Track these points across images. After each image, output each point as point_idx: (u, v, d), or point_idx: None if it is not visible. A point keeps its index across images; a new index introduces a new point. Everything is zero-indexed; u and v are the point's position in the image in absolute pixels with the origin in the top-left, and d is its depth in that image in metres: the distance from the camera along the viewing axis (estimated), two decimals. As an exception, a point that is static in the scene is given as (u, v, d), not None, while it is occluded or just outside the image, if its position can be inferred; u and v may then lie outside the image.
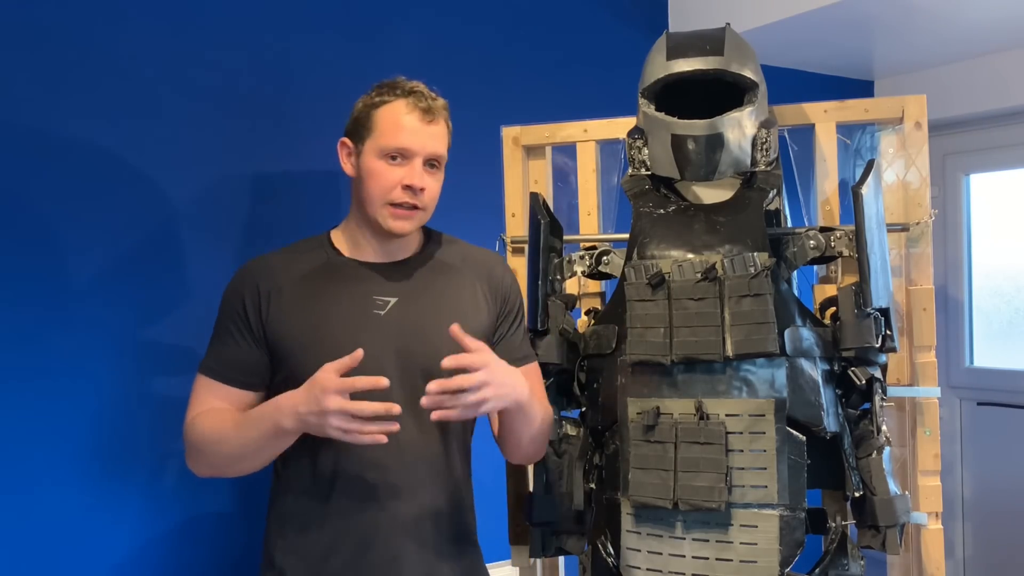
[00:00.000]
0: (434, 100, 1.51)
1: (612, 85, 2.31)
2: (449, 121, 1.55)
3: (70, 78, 1.81)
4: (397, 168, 1.47)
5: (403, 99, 1.49)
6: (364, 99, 1.53)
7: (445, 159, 1.54)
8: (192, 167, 1.93)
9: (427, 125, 1.48)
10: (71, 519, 1.79)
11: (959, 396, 3.25)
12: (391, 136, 1.47)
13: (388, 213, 1.48)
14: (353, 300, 1.51)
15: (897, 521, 1.58)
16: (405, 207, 1.48)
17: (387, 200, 1.48)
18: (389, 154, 1.47)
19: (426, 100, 1.49)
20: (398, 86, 1.51)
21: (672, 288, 1.59)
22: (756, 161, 1.65)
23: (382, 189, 1.48)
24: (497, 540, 1.97)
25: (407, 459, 1.48)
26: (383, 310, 1.51)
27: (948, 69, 3.05)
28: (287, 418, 1.35)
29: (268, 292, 1.50)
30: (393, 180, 1.47)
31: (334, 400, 1.29)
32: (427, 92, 1.51)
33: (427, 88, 1.53)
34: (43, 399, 1.77)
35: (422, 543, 1.49)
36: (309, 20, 2.10)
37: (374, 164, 1.48)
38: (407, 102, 1.49)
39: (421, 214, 1.51)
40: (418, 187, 1.47)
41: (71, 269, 1.80)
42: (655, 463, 1.56)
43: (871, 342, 1.58)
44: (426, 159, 1.49)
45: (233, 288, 1.54)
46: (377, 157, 1.48)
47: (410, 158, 1.47)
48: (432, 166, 1.51)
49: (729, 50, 1.61)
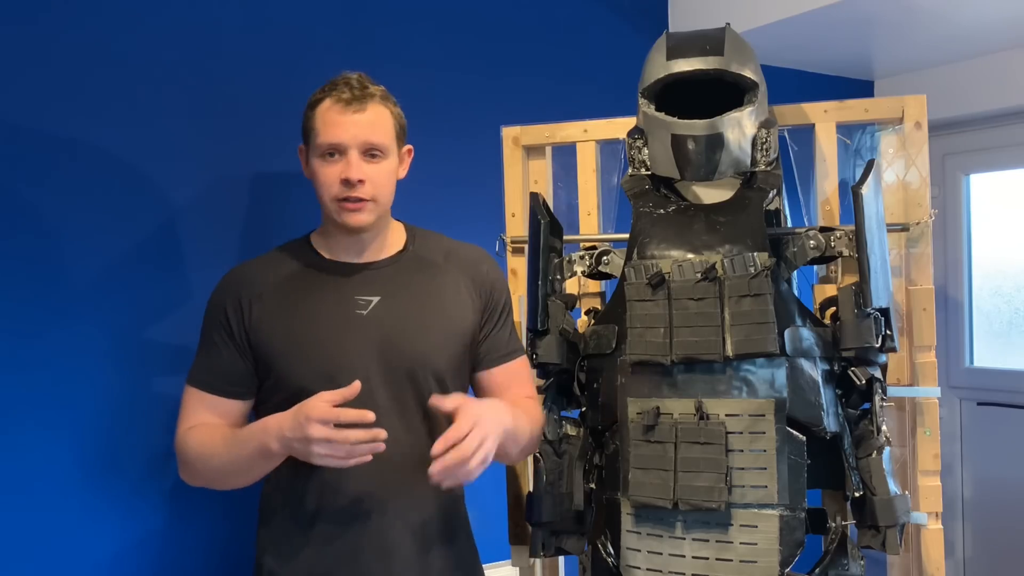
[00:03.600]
0: (364, 88, 1.48)
1: (612, 85, 2.31)
2: (391, 107, 1.52)
3: (70, 78, 1.81)
4: (335, 164, 1.47)
5: (329, 95, 1.48)
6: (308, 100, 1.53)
7: (388, 146, 1.50)
8: (191, 167, 1.93)
9: (353, 115, 1.46)
10: (67, 519, 1.79)
11: (959, 396, 3.25)
12: (323, 134, 1.47)
13: (337, 208, 1.48)
14: (335, 301, 1.50)
15: (897, 521, 1.58)
16: (351, 200, 1.47)
17: (332, 196, 1.47)
18: (325, 152, 1.47)
19: (351, 91, 1.47)
20: (329, 83, 1.50)
21: (672, 288, 1.59)
22: (756, 161, 1.65)
23: (325, 187, 1.48)
24: (497, 540, 1.97)
25: (395, 458, 1.48)
26: (365, 310, 1.50)
27: (948, 69, 3.05)
28: (274, 440, 1.35)
29: (250, 300, 1.50)
30: (332, 177, 1.47)
31: (317, 429, 1.29)
32: (357, 83, 1.49)
33: (362, 78, 1.50)
34: (40, 398, 1.77)
35: (413, 539, 1.50)
36: (309, 20, 2.09)
37: (316, 164, 1.49)
38: (332, 97, 1.48)
39: (371, 205, 1.48)
40: (354, 179, 1.45)
41: (69, 269, 1.80)
42: (655, 463, 1.56)
43: (871, 342, 1.58)
44: (361, 149, 1.47)
45: (215, 298, 1.54)
46: (317, 157, 1.48)
47: (344, 152, 1.46)
48: (372, 156, 1.48)
49: (729, 50, 1.61)
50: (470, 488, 1.66)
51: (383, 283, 1.53)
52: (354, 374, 1.46)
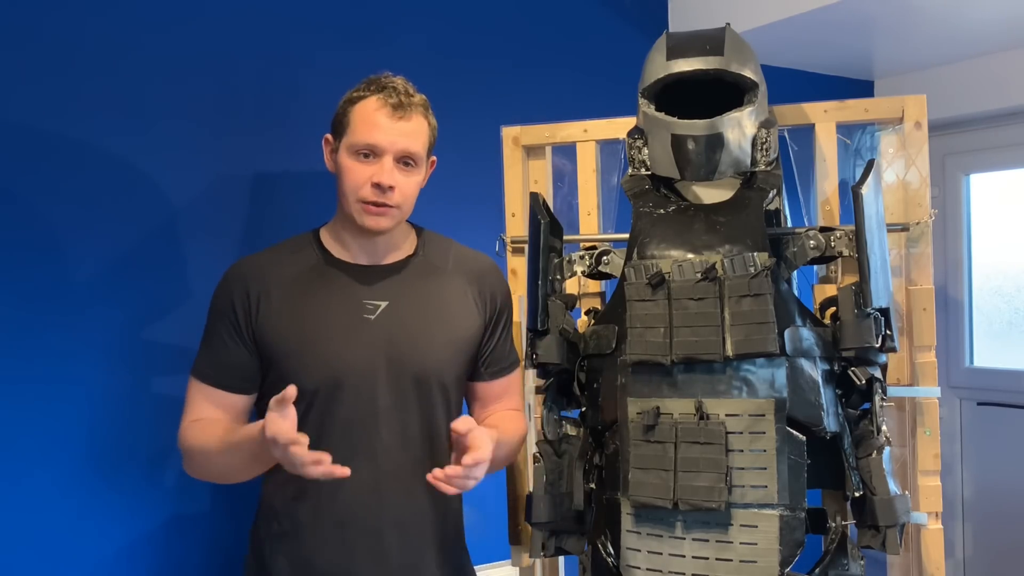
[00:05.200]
0: (409, 97, 1.48)
1: (612, 85, 2.31)
2: (430, 118, 1.51)
3: (70, 78, 1.81)
4: (368, 166, 1.46)
5: (375, 95, 1.46)
6: (347, 95, 1.51)
7: (422, 157, 1.50)
8: (191, 167, 1.93)
9: (397, 122, 1.45)
10: (68, 517, 1.80)
11: (959, 396, 3.25)
12: (361, 133, 1.45)
13: (360, 209, 1.47)
14: (343, 304, 1.50)
15: (897, 521, 1.58)
16: (377, 204, 1.46)
17: (358, 197, 1.46)
18: (360, 151, 1.46)
19: (398, 96, 1.46)
20: (374, 82, 1.49)
21: (672, 288, 1.59)
22: (756, 161, 1.65)
23: (353, 186, 1.46)
24: (497, 540, 1.97)
25: (393, 461, 1.48)
26: (373, 315, 1.50)
27: (948, 69, 3.05)
28: (259, 447, 1.33)
29: (258, 295, 1.49)
30: (363, 177, 1.45)
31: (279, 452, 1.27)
32: (403, 88, 1.48)
33: (406, 84, 1.50)
34: (39, 397, 1.77)
35: (409, 542, 1.50)
36: (309, 20, 2.10)
37: (346, 161, 1.47)
38: (378, 98, 1.46)
39: (395, 212, 1.48)
40: (386, 185, 1.44)
41: (68, 268, 1.81)
42: (655, 463, 1.56)
43: (871, 342, 1.58)
44: (397, 157, 1.46)
45: (222, 290, 1.52)
46: (349, 154, 1.47)
47: (380, 155, 1.45)
48: (406, 164, 1.48)
49: (729, 50, 1.61)
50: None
51: (392, 288, 1.53)
52: (360, 378, 1.46)
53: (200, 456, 1.47)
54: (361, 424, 1.47)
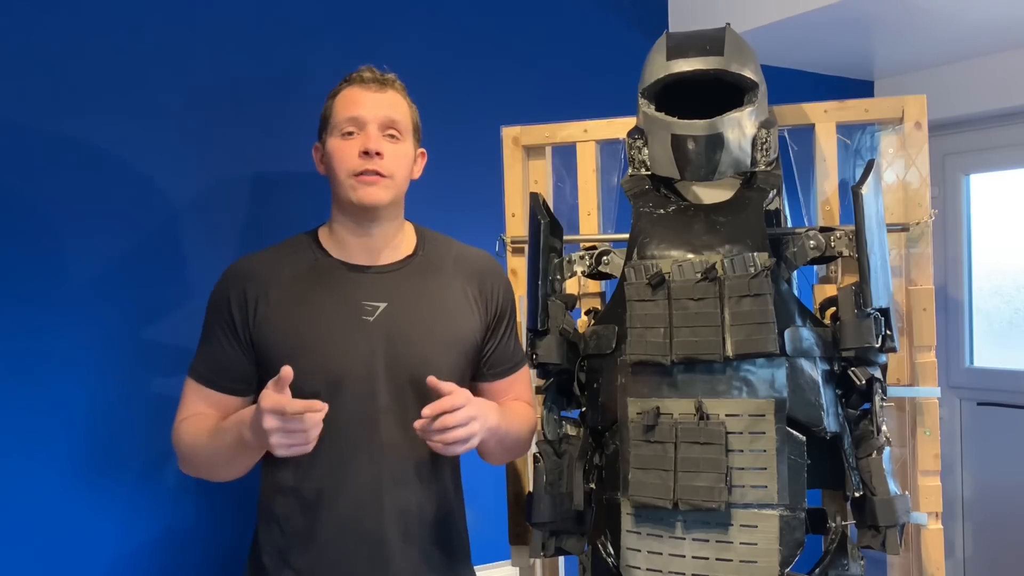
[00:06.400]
0: (383, 74, 1.52)
1: (612, 85, 2.31)
2: (409, 100, 1.55)
3: (70, 78, 1.81)
4: (354, 141, 1.48)
5: (351, 83, 1.52)
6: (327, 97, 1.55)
7: (407, 127, 1.52)
8: (191, 167, 1.93)
9: (375, 93, 1.50)
10: (67, 518, 1.79)
11: (959, 396, 3.25)
12: (342, 112, 1.49)
13: (355, 183, 1.47)
14: (342, 305, 1.49)
15: (897, 521, 1.58)
16: (368, 173, 1.46)
17: (349, 171, 1.47)
18: (345, 131, 1.48)
19: (373, 74, 1.51)
20: (349, 77, 1.53)
21: (672, 288, 1.59)
22: (756, 161, 1.65)
23: (342, 162, 1.48)
24: (497, 540, 1.97)
25: (392, 461, 1.48)
26: (372, 316, 1.49)
27: (948, 69, 3.05)
28: (248, 431, 1.33)
29: (256, 296, 1.49)
30: (351, 151, 1.47)
31: (268, 420, 1.26)
32: (377, 71, 1.53)
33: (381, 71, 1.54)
34: (38, 397, 1.77)
35: (409, 543, 1.49)
36: (308, 20, 2.10)
37: (333, 145, 1.49)
38: (354, 84, 1.51)
39: (388, 182, 1.48)
40: (373, 150, 1.46)
41: (68, 268, 1.81)
42: (655, 463, 1.56)
43: (871, 342, 1.58)
44: (381, 126, 1.48)
45: (220, 291, 1.52)
46: (335, 137, 1.49)
47: (363, 127, 1.48)
48: (392, 136, 1.50)
49: (729, 50, 1.61)
50: (470, 488, 1.66)
51: (391, 289, 1.52)
52: (359, 379, 1.46)
53: (192, 449, 1.46)
54: (360, 425, 1.47)
